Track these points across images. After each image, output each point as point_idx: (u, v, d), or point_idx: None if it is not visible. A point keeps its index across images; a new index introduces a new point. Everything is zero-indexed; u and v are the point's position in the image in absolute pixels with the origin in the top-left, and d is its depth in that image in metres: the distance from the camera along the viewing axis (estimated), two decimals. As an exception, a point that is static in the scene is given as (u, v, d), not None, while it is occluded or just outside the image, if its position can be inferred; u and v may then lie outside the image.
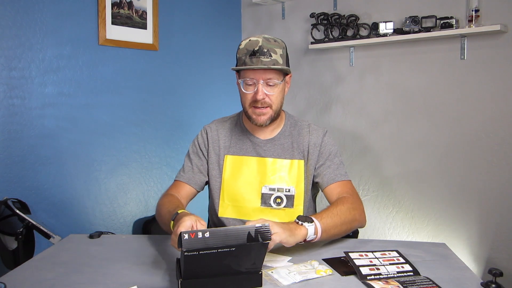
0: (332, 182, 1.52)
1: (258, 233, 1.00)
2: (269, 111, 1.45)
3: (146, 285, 1.08)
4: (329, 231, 1.30)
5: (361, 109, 2.84)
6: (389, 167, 2.75)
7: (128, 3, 2.58)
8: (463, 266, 1.19)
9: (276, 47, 1.42)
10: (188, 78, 2.94)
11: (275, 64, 1.40)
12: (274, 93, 1.43)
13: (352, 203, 1.43)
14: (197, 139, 1.64)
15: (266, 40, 1.42)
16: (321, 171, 1.55)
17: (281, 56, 1.42)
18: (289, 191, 1.52)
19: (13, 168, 2.15)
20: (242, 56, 1.43)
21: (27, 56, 2.20)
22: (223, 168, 1.56)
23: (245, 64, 1.41)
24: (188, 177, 1.58)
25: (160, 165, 2.81)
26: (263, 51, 1.39)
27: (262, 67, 1.38)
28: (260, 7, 3.25)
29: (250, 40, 1.43)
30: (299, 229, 1.23)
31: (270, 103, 1.44)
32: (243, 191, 1.53)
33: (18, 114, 2.17)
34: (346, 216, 1.36)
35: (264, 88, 1.42)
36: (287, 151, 1.55)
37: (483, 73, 2.38)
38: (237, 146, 1.57)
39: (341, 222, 1.34)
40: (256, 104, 1.43)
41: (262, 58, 1.39)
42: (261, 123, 1.47)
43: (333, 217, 1.32)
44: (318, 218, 1.29)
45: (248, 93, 1.44)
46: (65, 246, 1.41)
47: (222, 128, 1.61)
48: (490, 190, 2.39)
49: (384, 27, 2.56)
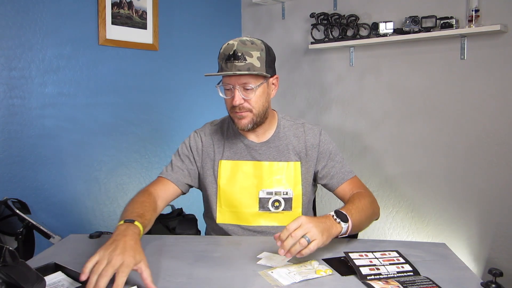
0: (342, 182, 1.53)
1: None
2: (249, 115, 1.42)
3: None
4: (356, 227, 1.31)
5: (361, 109, 2.84)
6: (389, 167, 2.75)
7: (128, 3, 2.58)
8: (463, 266, 1.19)
9: (253, 50, 1.38)
10: (188, 78, 2.94)
11: (250, 68, 1.36)
12: (251, 97, 1.40)
13: (369, 196, 1.46)
14: (190, 141, 1.57)
15: (242, 43, 1.38)
16: (327, 173, 1.54)
17: (258, 58, 1.38)
18: (286, 194, 1.51)
19: (13, 168, 2.15)
20: (220, 62, 1.41)
21: (27, 56, 2.20)
22: (218, 174, 1.52)
23: (222, 70, 1.39)
24: (176, 177, 1.52)
25: (160, 165, 2.81)
26: (237, 55, 1.36)
27: (236, 73, 1.34)
28: (260, 7, 3.25)
29: (227, 44, 1.40)
30: (335, 227, 1.21)
31: (250, 108, 1.41)
32: (240, 196, 1.50)
33: (18, 114, 2.17)
34: (369, 211, 1.39)
35: (241, 92, 1.39)
36: (282, 154, 1.52)
37: (483, 73, 2.38)
38: (231, 151, 1.53)
39: (366, 217, 1.36)
40: (235, 109, 1.41)
41: (236, 63, 1.35)
42: (242, 127, 1.44)
43: (360, 213, 1.33)
44: (349, 214, 1.26)
45: (227, 98, 1.42)
46: (65, 246, 1.41)
47: (215, 133, 1.57)
48: (490, 190, 2.39)
49: (384, 27, 2.56)
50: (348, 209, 1.30)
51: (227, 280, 1.10)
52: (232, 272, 1.15)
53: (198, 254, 1.26)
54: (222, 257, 1.25)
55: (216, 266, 1.18)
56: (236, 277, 1.12)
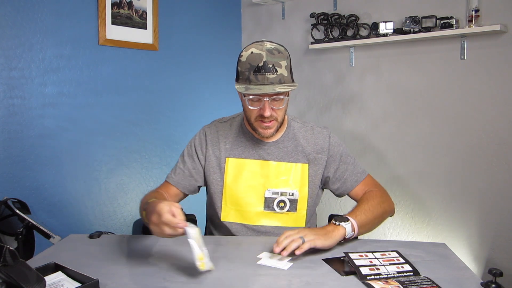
0: (356, 185, 1.55)
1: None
2: (275, 124, 1.43)
3: (146, 285, 1.08)
4: (365, 226, 1.38)
5: (361, 109, 2.84)
6: (388, 167, 2.75)
7: (128, 3, 2.58)
8: (463, 266, 1.19)
9: (281, 59, 1.35)
10: (188, 78, 2.94)
11: (281, 79, 1.34)
12: (281, 107, 1.40)
13: (380, 196, 1.50)
14: (194, 140, 1.58)
15: (270, 53, 1.34)
16: (340, 176, 1.54)
17: (285, 68, 1.36)
18: (292, 195, 1.51)
19: (13, 168, 2.15)
20: (245, 71, 1.36)
21: (27, 56, 2.20)
22: (225, 171, 1.52)
23: (250, 81, 1.34)
24: (177, 180, 1.54)
25: (160, 165, 2.81)
26: (268, 66, 1.32)
27: (271, 92, 1.31)
28: (260, 7, 3.25)
29: (252, 53, 1.35)
30: (337, 230, 1.29)
31: (276, 117, 1.42)
32: (246, 195, 1.50)
33: (18, 114, 2.17)
34: (378, 210, 1.44)
35: (270, 103, 1.38)
36: (291, 154, 1.53)
37: (483, 73, 2.38)
38: (239, 149, 1.53)
39: (374, 217, 1.42)
40: (263, 119, 1.40)
41: (268, 75, 1.32)
42: (267, 136, 1.46)
43: (366, 213, 1.40)
44: (353, 216, 1.35)
45: (254, 109, 1.40)
46: (65, 246, 1.41)
47: (222, 130, 1.57)
48: (490, 190, 2.39)
49: (384, 27, 2.56)
50: (352, 212, 1.38)
51: (227, 280, 1.10)
52: (232, 272, 1.15)
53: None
54: (222, 257, 1.25)
55: (216, 266, 1.18)
56: (236, 277, 1.12)
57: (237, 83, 1.40)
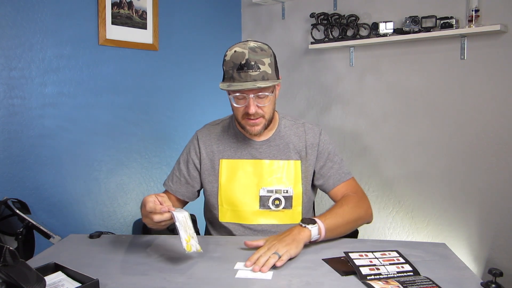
0: (338, 184, 1.54)
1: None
2: (262, 121, 1.44)
3: (146, 285, 1.08)
4: (334, 230, 1.35)
5: (361, 109, 2.84)
6: (389, 167, 2.75)
7: (128, 3, 2.58)
8: (463, 266, 1.19)
9: (264, 57, 1.37)
10: (188, 78, 2.94)
11: (264, 76, 1.36)
12: (265, 104, 1.41)
13: (357, 201, 1.47)
14: (189, 147, 1.61)
15: (253, 50, 1.36)
16: (324, 173, 1.54)
17: (269, 65, 1.38)
18: (287, 192, 1.51)
19: (13, 168, 2.15)
20: (229, 70, 1.38)
21: (27, 56, 2.19)
22: (219, 173, 1.54)
23: (233, 79, 1.37)
24: (175, 188, 1.59)
25: (160, 165, 2.81)
26: (250, 64, 1.34)
27: (252, 87, 1.33)
28: (260, 7, 3.25)
29: (235, 52, 1.37)
30: (303, 232, 1.27)
31: (263, 114, 1.43)
32: (241, 195, 1.52)
33: (18, 114, 2.17)
34: (350, 216, 1.41)
35: (255, 100, 1.39)
36: (283, 152, 1.54)
37: (483, 73, 2.38)
38: (232, 150, 1.55)
39: (345, 222, 1.39)
40: (249, 116, 1.41)
41: (250, 72, 1.34)
42: (255, 133, 1.46)
43: (336, 217, 1.37)
44: (322, 219, 1.33)
45: (239, 107, 1.42)
46: (65, 246, 1.41)
47: (214, 132, 1.59)
48: (490, 190, 2.39)
49: (384, 27, 2.56)
50: (323, 215, 1.37)
51: (226, 280, 1.10)
52: (232, 272, 1.15)
53: (198, 254, 1.26)
54: (222, 257, 1.26)
55: (216, 266, 1.18)
56: (236, 277, 1.12)
57: (221, 82, 1.42)
